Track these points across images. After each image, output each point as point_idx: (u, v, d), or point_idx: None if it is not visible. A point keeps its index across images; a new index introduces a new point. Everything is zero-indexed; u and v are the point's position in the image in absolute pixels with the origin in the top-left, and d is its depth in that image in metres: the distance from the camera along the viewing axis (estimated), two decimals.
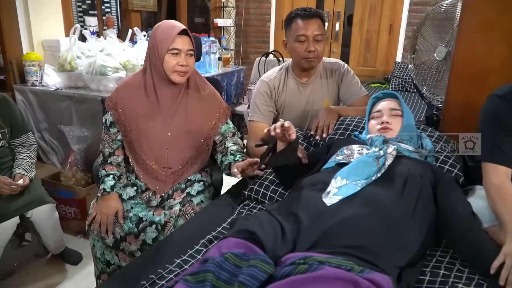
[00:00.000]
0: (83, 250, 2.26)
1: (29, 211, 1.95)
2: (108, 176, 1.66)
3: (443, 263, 1.21)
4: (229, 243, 1.00)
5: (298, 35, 1.84)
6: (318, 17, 1.84)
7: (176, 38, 1.55)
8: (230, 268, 0.91)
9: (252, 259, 0.93)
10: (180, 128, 1.66)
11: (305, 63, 1.87)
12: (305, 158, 1.50)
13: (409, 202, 1.18)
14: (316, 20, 1.83)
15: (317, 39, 1.83)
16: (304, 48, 1.83)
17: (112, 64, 2.50)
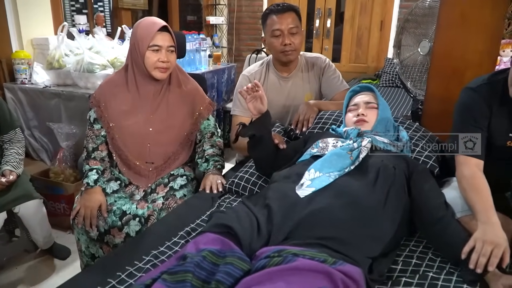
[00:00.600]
0: (72, 245, 2.27)
1: (17, 207, 1.97)
2: (92, 171, 1.68)
3: (416, 253, 1.24)
4: (207, 239, 1.02)
5: (273, 30, 1.87)
6: (292, 11, 1.87)
7: (156, 34, 1.57)
8: (207, 266, 0.93)
9: (229, 256, 0.95)
10: (162, 124, 1.69)
11: (282, 56, 1.90)
12: (283, 144, 1.54)
13: (381, 192, 1.20)
14: (289, 13, 1.86)
15: (292, 31, 1.86)
16: (280, 42, 1.86)
17: (100, 61, 2.52)
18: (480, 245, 1.07)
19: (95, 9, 5.16)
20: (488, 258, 1.05)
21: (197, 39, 3.41)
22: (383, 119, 1.47)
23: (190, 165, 1.84)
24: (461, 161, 1.31)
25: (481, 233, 1.10)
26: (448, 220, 1.20)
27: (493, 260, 1.05)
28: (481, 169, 1.28)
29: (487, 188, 1.22)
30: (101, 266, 1.16)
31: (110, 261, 1.17)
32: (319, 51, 4.72)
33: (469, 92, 1.34)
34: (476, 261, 1.07)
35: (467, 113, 1.33)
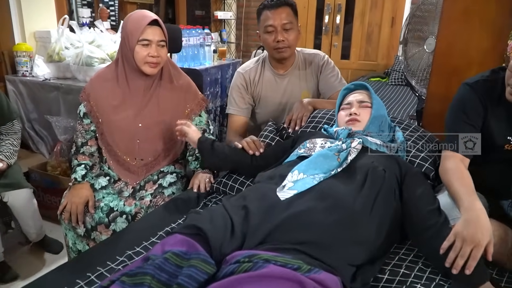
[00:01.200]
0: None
1: (6, 195, 1.98)
2: (80, 166, 1.66)
3: (405, 262, 1.17)
4: (174, 240, 0.98)
5: (266, 25, 1.80)
6: (286, 6, 1.79)
7: (146, 28, 1.52)
8: (170, 268, 0.88)
9: (193, 258, 0.90)
10: (152, 119, 1.65)
11: (276, 53, 1.83)
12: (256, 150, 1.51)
13: (368, 196, 1.14)
14: (283, 8, 1.78)
15: (286, 27, 1.79)
16: (272, 38, 1.80)
17: (99, 55, 2.50)
18: (459, 243, 1.00)
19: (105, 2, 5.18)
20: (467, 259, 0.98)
21: (202, 34, 3.36)
22: (376, 119, 1.41)
23: (182, 162, 1.80)
24: (446, 156, 1.26)
25: (463, 225, 1.03)
26: (439, 227, 1.13)
27: (470, 264, 0.98)
28: (465, 165, 1.22)
29: (470, 178, 1.17)
30: (72, 265, 1.13)
31: (83, 261, 1.13)
32: (328, 48, 4.64)
33: (465, 87, 1.28)
34: (453, 260, 1.00)
35: (460, 108, 1.27)
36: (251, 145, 1.53)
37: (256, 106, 1.99)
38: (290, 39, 1.81)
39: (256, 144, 1.53)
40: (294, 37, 1.83)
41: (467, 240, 1.00)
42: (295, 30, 1.82)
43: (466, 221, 1.05)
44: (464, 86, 1.29)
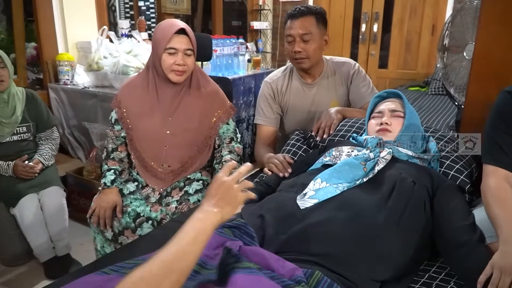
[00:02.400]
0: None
1: (40, 192, 2.11)
2: (110, 171, 1.69)
3: (436, 280, 1.09)
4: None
5: (286, 35, 1.79)
6: (308, 15, 1.75)
7: (173, 37, 1.54)
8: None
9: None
10: (179, 127, 1.66)
11: (295, 64, 1.81)
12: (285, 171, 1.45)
13: (395, 209, 1.08)
14: (305, 18, 1.74)
15: (304, 38, 1.75)
16: (291, 48, 1.77)
17: (135, 64, 2.57)
18: (497, 274, 0.92)
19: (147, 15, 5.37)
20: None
21: (236, 43, 3.39)
22: (408, 129, 1.34)
23: (208, 169, 1.80)
24: (487, 171, 1.16)
25: (500, 257, 0.95)
26: (473, 245, 1.05)
27: None
28: (510, 182, 1.12)
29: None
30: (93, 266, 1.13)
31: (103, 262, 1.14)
32: (365, 57, 4.55)
33: (505, 95, 1.19)
34: None
35: (499, 117, 1.18)
36: (279, 167, 1.48)
37: (284, 115, 1.96)
38: (309, 50, 1.76)
39: (284, 165, 1.48)
40: (315, 47, 1.77)
41: (506, 270, 0.92)
42: (315, 40, 1.77)
43: (505, 253, 0.96)
44: (504, 94, 1.21)
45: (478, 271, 0.98)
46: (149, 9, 5.47)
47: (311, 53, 1.77)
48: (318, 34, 1.77)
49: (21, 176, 2.08)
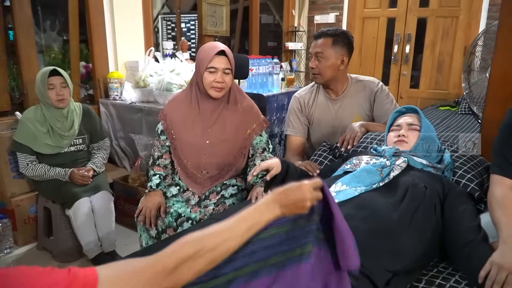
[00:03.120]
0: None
1: (92, 196, 2.34)
2: (155, 176, 1.90)
3: (443, 274, 1.23)
4: None
5: (309, 52, 1.98)
6: (326, 36, 1.97)
7: (214, 57, 1.75)
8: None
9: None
10: (217, 137, 1.85)
11: (313, 78, 2.00)
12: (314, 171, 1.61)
13: (407, 210, 1.22)
14: (323, 39, 1.98)
15: (318, 56, 1.97)
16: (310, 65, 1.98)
17: (178, 81, 2.81)
18: (495, 270, 1.05)
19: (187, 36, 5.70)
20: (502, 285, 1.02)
21: (271, 63, 3.60)
22: (424, 141, 1.48)
23: (243, 177, 1.98)
24: (494, 181, 1.28)
25: (499, 255, 1.07)
26: (477, 244, 1.18)
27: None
28: None
29: None
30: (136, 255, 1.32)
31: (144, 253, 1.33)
32: (396, 77, 4.65)
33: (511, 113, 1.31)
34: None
35: (507, 133, 1.30)
36: (308, 167, 1.68)
37: (310, 127, 2.14)
38: (320, 67, 1.99)
39: (313, 166, 1.67)
40: (326, 66, 1.98)
41: (503, 267, 1.05)
42: (327, 59, 1.98)
43: (502, 252, 1.09)
44: (510, 111, 1.33)
45: (480, 266, 1.10)
46: (190, 31, 5.83)
47: (322, 70, 1.99)
48: (332, 54, 1.98)
49: (77, 183, 2.32)
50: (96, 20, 3.08)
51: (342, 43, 2.00)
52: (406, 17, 4.53)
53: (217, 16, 3.97)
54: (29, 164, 2.32)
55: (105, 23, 3.14)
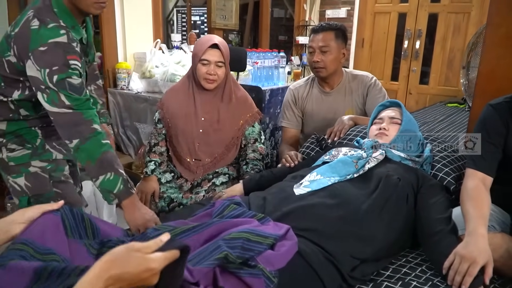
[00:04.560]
0: None
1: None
2: (151, 162, 1.98)
3: (411, 263, 1.27)
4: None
5: (308, 46, 2.02)
6: (329, 30, 1.99)
7: (207, 50, 1.81)
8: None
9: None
10: (210, 127, 1.92)
11: (314, 72, 2.02)
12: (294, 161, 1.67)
13: (378, 199, 1.27)
14: (324, 33, 1.98)
15: (323, 50, 1.98)
16: (311, 58, 1.99)
17: (182, 73, 2.89)
18: (458, 261, 1.08)
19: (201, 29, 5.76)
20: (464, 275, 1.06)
21: (277, 56, 3.64)
22: (403, 134, 1.51)
23: (235, 166, 2.05)
24: (467, 174, 1.31)
25: (463, 246, 1.11)
26: (445, 234, 1.22)
27: (466, 279, 1.05)
28: (486, 184, 1.27)
29: (487, 200, 1.22)
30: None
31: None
32: (406, 73, 4.62)
33: (488, 108, 1.35)
34: (453, 277, 1.08)
35: (481, 128, 1.33)
36: (287, 159, 1.73)
37: (304, 119, 2.18)
38: (326, 60, 2.00)
39: (292, 158, 1.71)
40: (331, 59, 2.00)
41: (465, 257, 1.09)
42: (333, 53, 2.00)
43: (466, 243, 1.13)
44: (487, 107, 1.36)
45: (446, 256, 1.14)
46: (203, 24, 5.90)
47: (328, 63, 2.01)
48: (336, 47, 2.01)
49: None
50: (107, 12, 3.17)
51: (342, 37, 2.05)
52: (417, 12, 4.48)
53: (227, 10, 4.02)
54: None
55: (115, 15, 3.24)
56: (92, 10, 1.36)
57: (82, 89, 1.34)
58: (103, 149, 1.35)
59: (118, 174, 1.35)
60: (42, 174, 1.54)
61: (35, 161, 1.52)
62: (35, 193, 1.52)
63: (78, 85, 1.32)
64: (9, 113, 1.47)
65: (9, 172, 1.52)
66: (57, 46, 1.28)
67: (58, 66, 1.27)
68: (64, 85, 1.29)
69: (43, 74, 1.27)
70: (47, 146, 1.56)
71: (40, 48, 1.26)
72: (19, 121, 1.50)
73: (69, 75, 1.29)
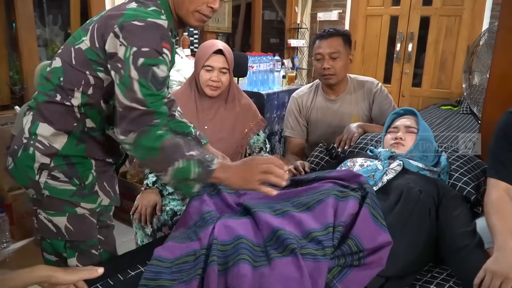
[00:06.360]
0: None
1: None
2: (151, 173, 1.90)
3: (437, 279, 1.21)
4: None
5: (315, 53, 1.96)
6: (336, 36, 1.93)
7: (211, 56, 1.74)
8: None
9: None
10: (214, 135, 1.85)
11: (323, 79, 1.96)
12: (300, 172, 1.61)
13: (401, 214, 1.21)
14: (332, 39, 1.92)
15: (333, 56, 1.92)
16: (320, 65, 1.93)
17: (177, 78, 2.81)
18: (489, 277, 1.04)
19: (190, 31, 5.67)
20: None
21: (272, 60, 3.60)
22: (420, 144, 1.47)
23: None
24: (490, 184, 1.27)
25: (493, 261, 1.06)
26: (471, 249, 1.17)
27: None
28: (510, 194, 1.23)
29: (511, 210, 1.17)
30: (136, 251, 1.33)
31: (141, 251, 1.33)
32: (399, 75, 4.62)
33: (508, 115, 1.31)
34: None
35: (502, 136, 1.29)
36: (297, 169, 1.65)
37: (309, 128, 2.13)
38: (337, 67, 1.94)
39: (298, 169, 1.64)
40: (341, 65, 1.95)
41: (497, 273, 1.04)
42: (342, 59, 1.95)
43: (496, 259, 1.08)
44: (507, 114, 1.32)
45: (474, 272, 1.09)
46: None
47: (338, 70, 1.96)
48: (345, 53, 1.96)
49: None
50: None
51: (349, 42, 2.01)
52: (409, 15, 4.49)
53: (219, 12, 3.95)
54: None
55: None
56: (191, 20, 1.17)
57: (163, 85, 1.11)
58: (163, 137, 1.09)
59: (189, 158, 1.08)
60: (90, 217, 1.26)
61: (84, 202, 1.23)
62: (77, 238, 1.25)
63: (161, 79, 1.08)
64: (74, 121, 1.18)
65: (45, 206, 1.21)
66: (156, 27, 1.06)
67: (149, 49, 1.04)
68: (147, 72, 1.05)
69: (128, 52, 1.03)
70: (96, 188, 1.24)
71: (134, 22, 1.05)
72: (79, 146, 1.20)
73: (157, 63, 1.06)
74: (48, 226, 1.22)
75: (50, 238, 1.24)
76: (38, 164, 1.16)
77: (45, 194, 1.19)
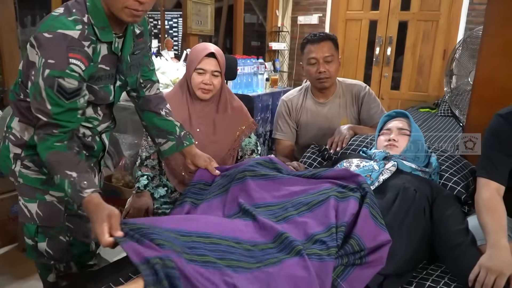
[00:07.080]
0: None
1: None
2: (143, 177, 1.88)
3: (432, 276, 1.25)
4: None
5: (309, 58, 1.98)
6: (327, 40, 1.97)
7: (203, 59, 1.74)
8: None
9: None
10: (206, 139, 1.85)
11: (318, 83, 2.00)
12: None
13: (398, 213, 1.25)
14: (325, 43, 1.96)
15: (327, 60, 1.96)
16: (315, 70, 1.97)
17: (163, 81, 2.78)
18: (483, 273, 1.08)
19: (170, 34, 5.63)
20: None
21: (256, 63, 3.61)
22: (413, 145, 1.52)
23: None
24: (481, 184, 1.32)
25: (487, 258, 1.11)
26: (465, 247, 1.21)
27: None
28: (500, 193, 1.29)
29: (503, 210, 1.23)
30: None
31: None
32: (378, 79, 4.73)
33: (497, 118, 1.36)
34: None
35: (493, 138, 1.34)
36: (296, 166, 1.68)
37: (299, 131, 2.16)
38: (331, 70, 1.98)
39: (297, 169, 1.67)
40: (335, 68, 2.00)
41: (491, 269, 1.09)
42: (335, 62, 2.00)
43: (490, 255, 1.13)
44: (496, 117, 1.37)
45: (469, 269, 1.14)
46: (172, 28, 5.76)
47: (333, 73, 2.00)
48: (337, 56, 2.01)
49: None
50: None
51: (337, 46, 2.05)
52: (388, 20, 4.61)
53: (202, 15, 3.95)
54: None
55: None
56: (123, 17, 1.15)
57: (75, 96, 1.14)
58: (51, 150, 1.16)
59: (64, 177, 1.14)
60: (58, 205, 1.36)
61: (52, 190, 1.33)
62: (45, 224, 1.36)
63: (69, 90, 1.12)
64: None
65: (21, 192, 1.35)
66: (64, 38, 1.09)
67: (54, 61, 1.08)
68: (53, 84, 1.09)
69: (40, 62, 1.09)
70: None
71: (45, 34, 1.09)
72: None
73: (62, 76, 1.09)
74: (24, 211, 1.36)
75: (26, 222, 1.38)
76: (12, 154, 1.31)
77: (20, 181, 1.33)
